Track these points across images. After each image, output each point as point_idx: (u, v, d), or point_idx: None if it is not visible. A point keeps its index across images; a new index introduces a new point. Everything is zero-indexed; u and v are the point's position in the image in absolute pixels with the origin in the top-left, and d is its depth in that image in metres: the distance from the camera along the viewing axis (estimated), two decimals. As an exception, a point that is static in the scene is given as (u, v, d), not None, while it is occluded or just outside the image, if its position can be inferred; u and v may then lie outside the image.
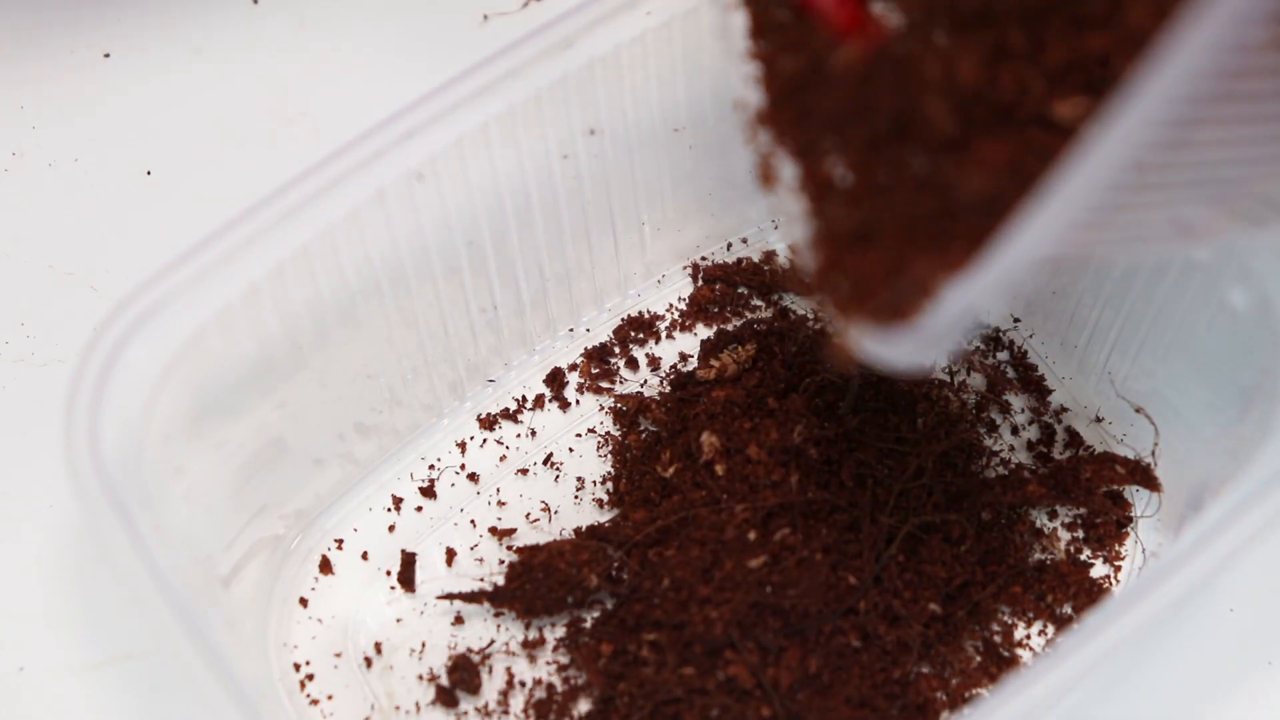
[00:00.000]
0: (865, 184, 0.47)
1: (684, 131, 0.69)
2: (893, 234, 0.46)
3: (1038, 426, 0.71)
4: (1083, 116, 0.43)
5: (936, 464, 0.66)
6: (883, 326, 0.46)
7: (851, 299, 0.47)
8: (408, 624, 0.67)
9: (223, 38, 0.81)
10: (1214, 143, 0.42)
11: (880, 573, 0.63)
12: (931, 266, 0.45)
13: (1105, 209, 0.42)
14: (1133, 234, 0.46)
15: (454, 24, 0.82)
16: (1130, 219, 0.44)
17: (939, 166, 0.45)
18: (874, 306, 0.46)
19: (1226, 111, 0.41)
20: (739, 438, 0.65)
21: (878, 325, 0.46)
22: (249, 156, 0.78)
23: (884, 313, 0.46)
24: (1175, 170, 0.42)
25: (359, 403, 0.68)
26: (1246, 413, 0.61)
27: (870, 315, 0.46)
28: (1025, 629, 0.66)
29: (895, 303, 0.45)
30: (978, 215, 0.44)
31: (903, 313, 0.45)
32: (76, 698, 0.65)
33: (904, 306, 0.45)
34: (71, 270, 0.75)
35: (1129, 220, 0.44)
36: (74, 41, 0.81)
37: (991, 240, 0.44)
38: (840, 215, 0.47)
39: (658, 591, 0.62)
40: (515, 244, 0.68)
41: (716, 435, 0.66)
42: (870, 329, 0.46)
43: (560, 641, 0.65)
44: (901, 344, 0.46)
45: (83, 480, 0.54)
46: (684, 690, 0.61)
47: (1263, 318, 0.59)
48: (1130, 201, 0.43)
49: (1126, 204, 0.43)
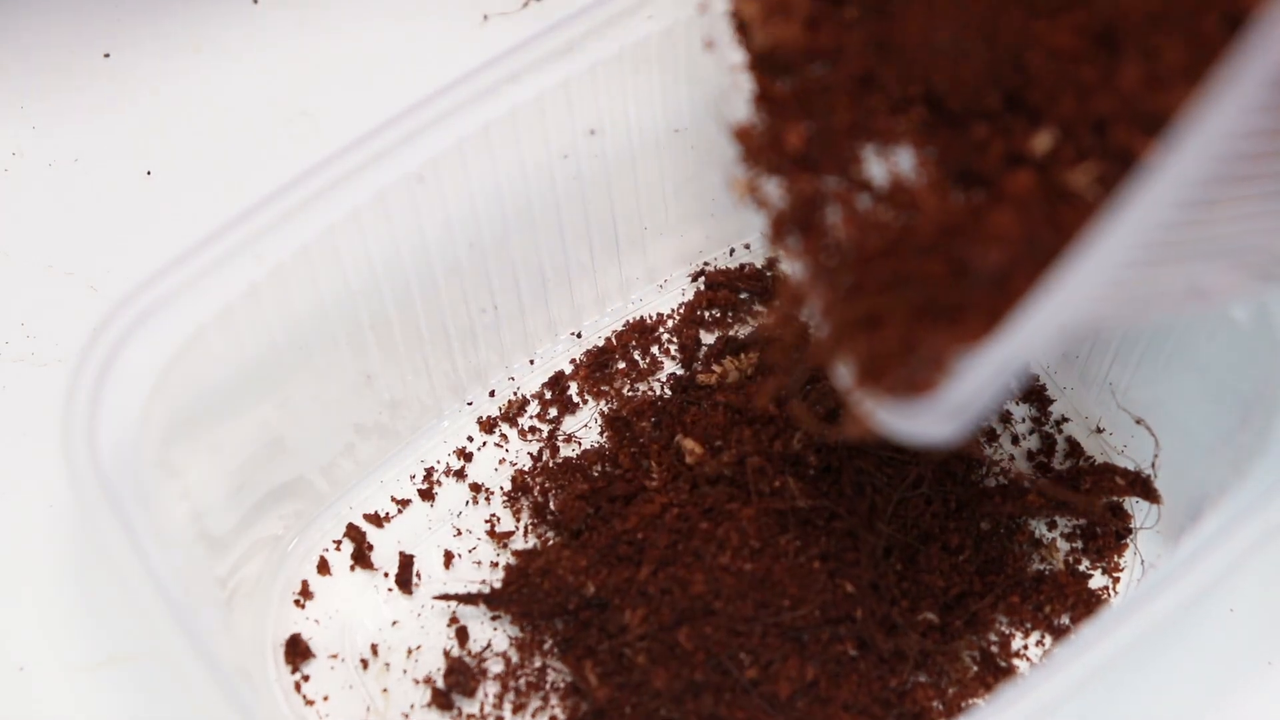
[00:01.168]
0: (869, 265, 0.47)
1: (686, 134, 0.69)
2: (903, 311, 0.45)
3: (1038, 436, 0.70)
4: (1093, 183, 0.43)
5: (936, 473, 0.66)
6: (901, 401, 0.45)
7: (866, 374, 0.46)
8: (405, 626, 0.67)
9: (223, 38, 0.81)
10: (1231, 216, 0.42)
11: (878, 581, 0.63)
12: (946, 341, 0.44)
13: (1124, 280, 0.42)
14: (1149, 301, 0.46)
15: (454, 24, 0.81)
16: (1148, 287, 0.44)
17: (949, 242, 0.45)
18: (890, 383, 0.45)
19: (1244, 190, 0.41)
20: (738, 444, 0.65)
21: (896, 400, 0.45)
22: (249, 156, 0.78)
23: (901, 388, 0.45)
24: (1193, 241, 0.42)
25: (358, 404, 0.68)
26: (1246, 424, 0.61)
27: (887, 390, 0.45)
28: (1023, 639, 0.66)
29: (912, 378, 0.45)
30: (992, 287, 0.44)
31: (921, 387, 0.45)
32: (76, 698, 0.65)
33: (921, 381, 0.44)
34: (71, 270, 0.75)
35: (1146, 288, 0.44)
36: (74, 41, 0.81)
37: (1009, 311, 0.43)
38: (846, 298, 0.47)
39: (655, 598, 0.62)
40: (516, 246, 0.68)
41: (699, 440, 0.66)
42: (888, 403, 0.45)
43: (556, 646, 0.65)
44: (922, 418, 0.45)
45: (81, 480, 0.54)
46: (680, 698, 0.61)
47: (1262, 329, 0.59)
48: (1148, 272, 0.42)
49: (1144, 274, 0.42)
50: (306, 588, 0.67)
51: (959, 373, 0.44)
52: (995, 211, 0.45)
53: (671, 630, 0.62)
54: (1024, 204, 0.44)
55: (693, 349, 0.73)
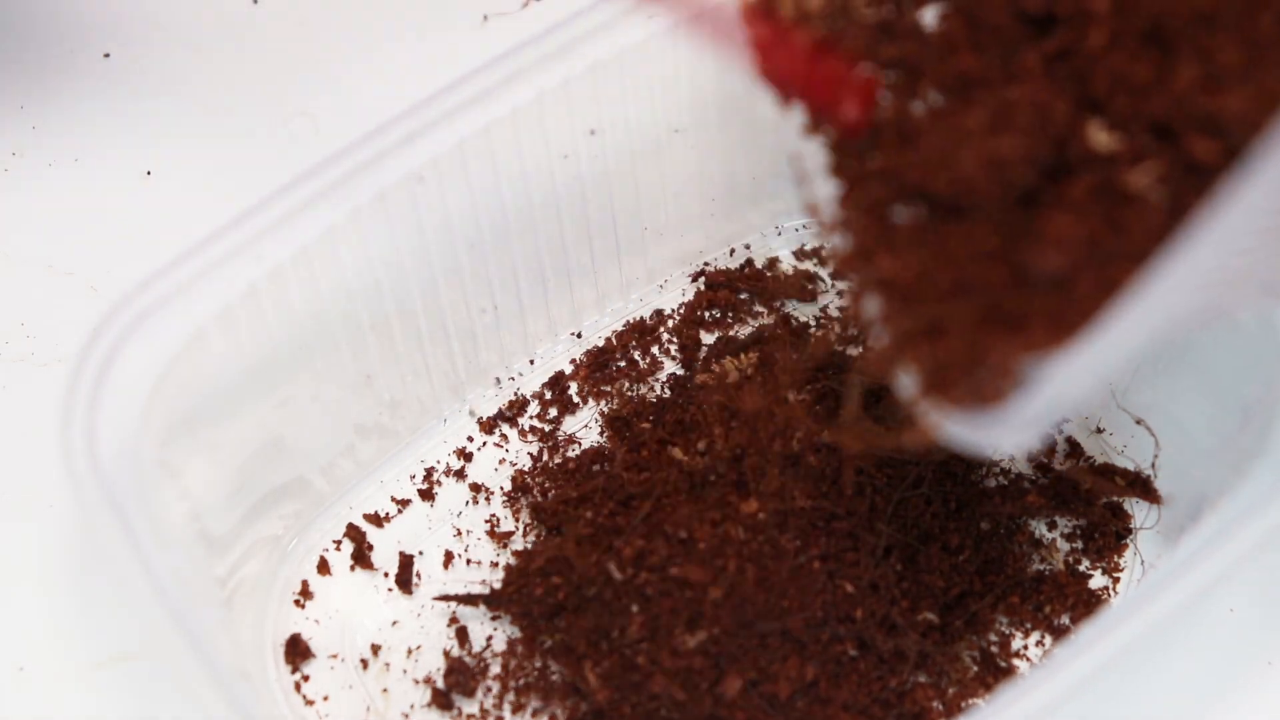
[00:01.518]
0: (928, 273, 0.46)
1: (686, 134, 0.69)
2: (967, 319, 0.45)
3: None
4: (1154, 184, 0.43)
5: (936, 473, 0.66)
6: (971, 412, 0.44)
7: (932, 385, 0.45)
8: (405, 626, 0.67)
9: (223, 38, 0.81)
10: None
11: (878, 581, 0.63)
12: (1014, 350, 0.43)
13: (1211, 283, 0.42)
14: (1224, 305, 0.46)
15: (454, 24, 0.82)
16: (1231, 289, 0.44)
17: (1008, 246, 0.44)
18: (958, 393, 0.44)
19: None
20: (738, 445, 0.65)
21: (964, 411, 0.44)
22: (249, 156, 0.78)
23: (969, 398, 0.44)
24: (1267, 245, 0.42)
25: (358, 404, 0.68)
26: (1246, 425, 0.61)
27: (954, 401, 0.44)
28: (1023, 639, 0.66)
29: (979, 388, 0.44)
30: (1056, 293, 0.43)
31: (990, 397, 0.44)
32: (76, 698, 0.65)
33: (990, 391, 0.44)
34: (71, 270, 0.75)
35: (1224, 294, 0.44)
36: (74, 41, 0.81)
37: (1076, 318, 0.43)
38: (907, 307, 0.46)
39: (654, 599, 0.62)
40: (516, 247, 0.68)
41: (698, 440, 0.66)
42: (957, 414, 0.45)
43: (556, 646, 0.64)
44: (994, 429, 0.44)
45: (81, 480, 0.54)
46: (680, 697, 0.61)
47: (1264, 331, 0.59)
48: (1234, 273, 0.42)
49: (1230, 275, 0.42)
50: (306, 588, 0.67)
51: (1031, 382, 0.43)
52: (1055, 214, 0.44)
53: (671, 631, 0.62)
54: (1083, 206, 0.44)
55: (693, 349, 0.73)
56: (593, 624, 0.63)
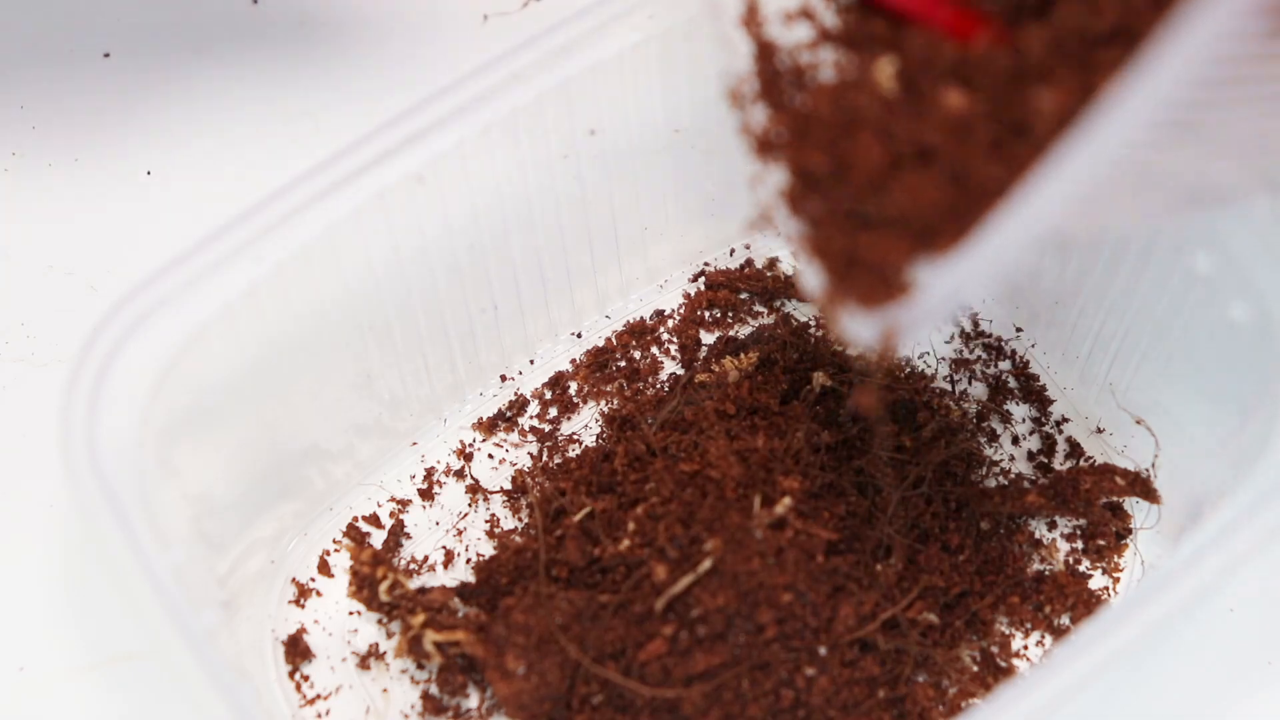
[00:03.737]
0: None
1: (686, 134, 0.69)
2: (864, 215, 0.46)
3: (1039, 437, 0.71)
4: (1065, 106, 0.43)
5: (936, 473, 0.66)
6: (869, 309, 0.45)
7: (836, 282, 0.46)
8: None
9: (223, 38, 0.81)
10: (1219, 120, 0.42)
11: (878, 581, 0.63)
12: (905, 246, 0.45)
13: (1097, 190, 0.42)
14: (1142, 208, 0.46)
15: (454, 24, 0.81)
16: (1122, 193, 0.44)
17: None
18: (857, 290, 0.46)
19: (1235, 93, 0.41)
20: (738, 444, 0.65)
21: (864, 308, 0.46)
22: (249, 156, 0.78)
23: (867, 295, 0.45)
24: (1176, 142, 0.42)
25: (358, 404, 0.68)
26: (1246, 425, 0.61)
27: (855, 299, 0.46)
28: (1023, 639, 0.66)
29: (875, 285, 0.45)
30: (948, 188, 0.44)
31: (886, 295, 0.45)
32: (76, 698, 0.65)
33: (886, 289, 0.45)
34: (71, 270, 0.75)
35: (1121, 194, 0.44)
36: (74, 41, 0.81)
37: (966, 213, 0.44)
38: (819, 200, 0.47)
39: (650, 597, 0.62)
40: (516, 247, 0.68)
41: (697, 440, 0.66)
42: (858, 311, 0.46)
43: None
44: (890, 324, 0.45)
45: (80, 480, 0.55)
46: (679, 701, 0.61)
47: (1263, 331, 0.59)
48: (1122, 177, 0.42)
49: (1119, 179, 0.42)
50: (306, 588, 0.67)
51: (924, 284, 0.44)
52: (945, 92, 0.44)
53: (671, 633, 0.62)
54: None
55: (693, 349, 0.73)
56: (582, 626, 0.63)
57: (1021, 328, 0.73)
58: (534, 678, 0.60)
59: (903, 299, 0.45)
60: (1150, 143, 0.41)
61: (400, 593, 0.65)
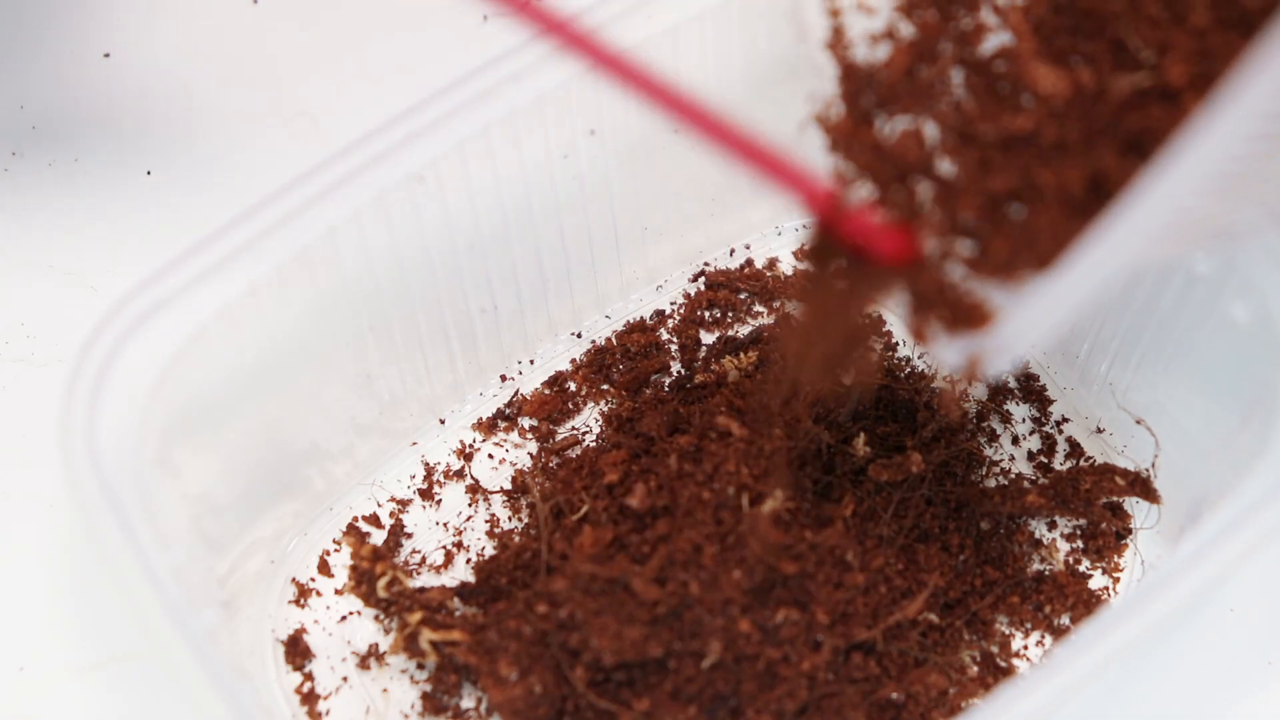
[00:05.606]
0: None
1: (686, 134, 0.69)
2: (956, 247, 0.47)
3: (1039, 437, 0.71)
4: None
5: (936, 473, 0.66)
6: (952, 336, 0.47)
7: (920, 308, 0.48)
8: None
9: (223, 38, 0.81)
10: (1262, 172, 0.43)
11: (878, 582, 0.63)
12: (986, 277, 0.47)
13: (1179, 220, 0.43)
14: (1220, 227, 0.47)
15: (454, 24, 0.81)
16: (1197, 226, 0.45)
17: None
18: (941, 317, 0.48)
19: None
20: (736, 444, 0.65)
21: (947, 335, 0.48)
22: (249, 156, 0.78)
23: (951, 323, 0.47)
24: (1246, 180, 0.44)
25: (358, 404, 0.68)
26: (1246, 425, 0.61)
27: (939, 324, 0.48)
28: (1023, 639, 0.66)
29: (958, 314, 0.47)
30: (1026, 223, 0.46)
31: (969, 323, 0.47)
32: (76, 698, 0.65)
33: (968, 317, 0.47)
34: (71, 270, 0.75)
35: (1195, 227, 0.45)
36: (74, 41, 0.81)
37: (1045, 246, 0.45)
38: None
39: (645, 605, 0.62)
40: (516, 247, 0.68)
41: (695, 441, 0.66)
42: (941, 338, 0.48)
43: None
44: (972, 352, 0.47)
45: (80, 480, 0.55)
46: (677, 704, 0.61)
47: (1263, 331, 0.59)
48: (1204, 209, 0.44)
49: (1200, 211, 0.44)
50: (306, 588, 0.67)
51: (1008, 311, 0.46)
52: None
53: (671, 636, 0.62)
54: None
55: (693, 349, 0.73)
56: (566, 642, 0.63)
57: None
58: (527, 684, 0.60)
59: (985, 327, 0.47)
60: (1229, 169, 0.42)
61: (399, 589, 0.65)
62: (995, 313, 0.47)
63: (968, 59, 0.49)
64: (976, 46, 0.49)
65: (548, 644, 0.61)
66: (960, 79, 0.49)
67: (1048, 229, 0.46)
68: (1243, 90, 0.40)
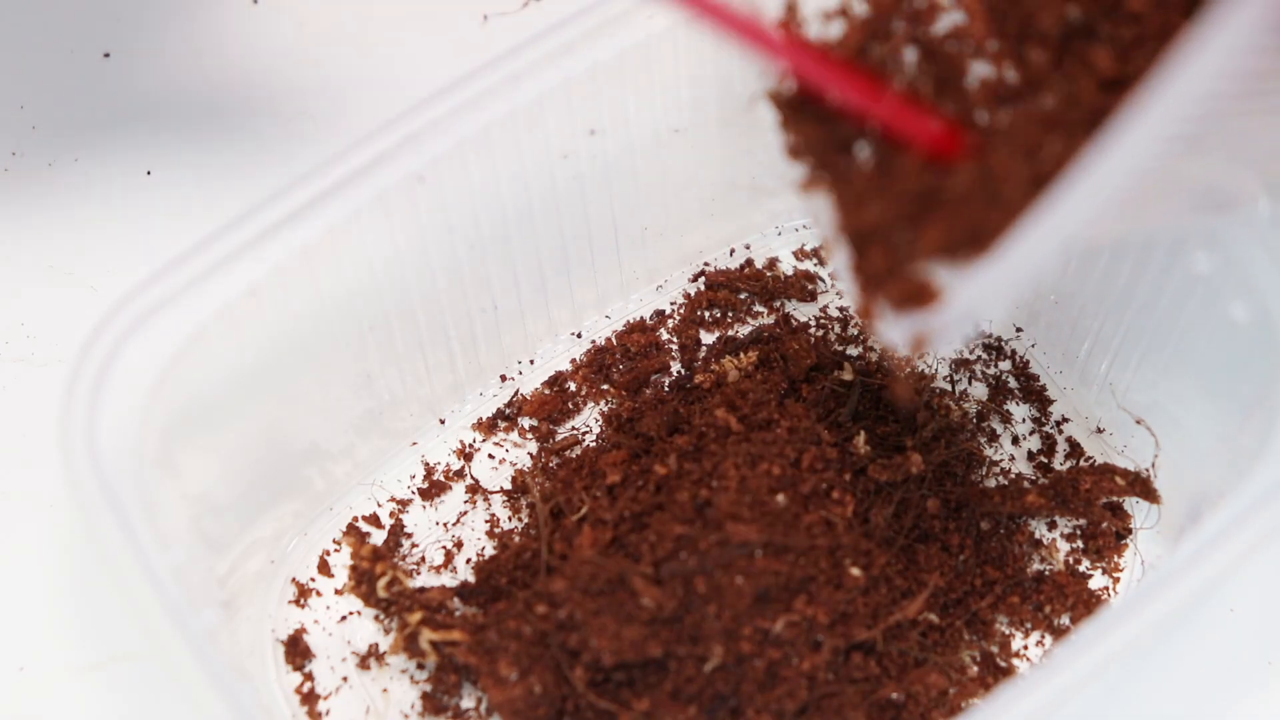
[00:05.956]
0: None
1: (686, 134, 0.69)
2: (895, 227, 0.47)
3: (1039, 437, 0.71)
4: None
5: (936, 473, 0.66)
6: (901, 314, 0.47)
7: (870, 287, 0.48)
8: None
9: (223, 38, 0.81)
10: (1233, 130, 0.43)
11: (878, 582, 0.63)
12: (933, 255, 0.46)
13: (1122, 194, 0.43)
14: (1148, 211, 0.47)
15: (454, 24, 0.81)
16: (1147, 199, 0.45)
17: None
18: (889, 296, 0.47)
19: (1252, 104, 0.42)
20: (735, 444, 0.65)
21: (896, 313, 0.47)
22: (249, 156, 0.78)
23: (899, 302, 0.47)
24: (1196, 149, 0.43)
25: (358, 404, 0.68)
26: (1246, 425, 0.61)
27: (888, 303, 0.47)
28: (1023, 639, 0.66)
29: (906, 292, 0.47)
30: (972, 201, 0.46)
31: (916, 301, 0.47)
32: (76, 698, 0.65)
33: (915, 295, 0.47)
34: (71, 270, 0.75)
35: (1145, 200, 0.45)
36: (74, 41, 0.81)
37: (992, 223, 0.45)
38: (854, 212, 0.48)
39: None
40: (516, 247, 0.68)
41: (695, 442, 0.66)
42: (890, 317, 0.47)
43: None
44: (921, 330, 0.47)
45: (80, 480, 0.55)
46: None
47: (1263, 331, 0.59)
48: (1147, 183, 0.44)
49: (1144, 185, 0.44)
50: (306, 588, 0.67)
51: (954, 291, 0.46)
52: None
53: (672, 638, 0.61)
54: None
55: (693, 349, 0.73)
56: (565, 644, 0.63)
57: (1021, 327, 0.73)
58: (527, 684, 0.60)
59: (932, 305, 0.46)
60: (1169, 152, 0.42)
61: (399, 589, 0.66)
62: (941, 291, 0.46)
63: (920, 38, 0.49)
64: (930, 26, 0.49)
65: (548, 644, 0.61)
66: (913, 57, 0.49)
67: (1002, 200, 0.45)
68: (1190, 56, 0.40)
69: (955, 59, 0.48)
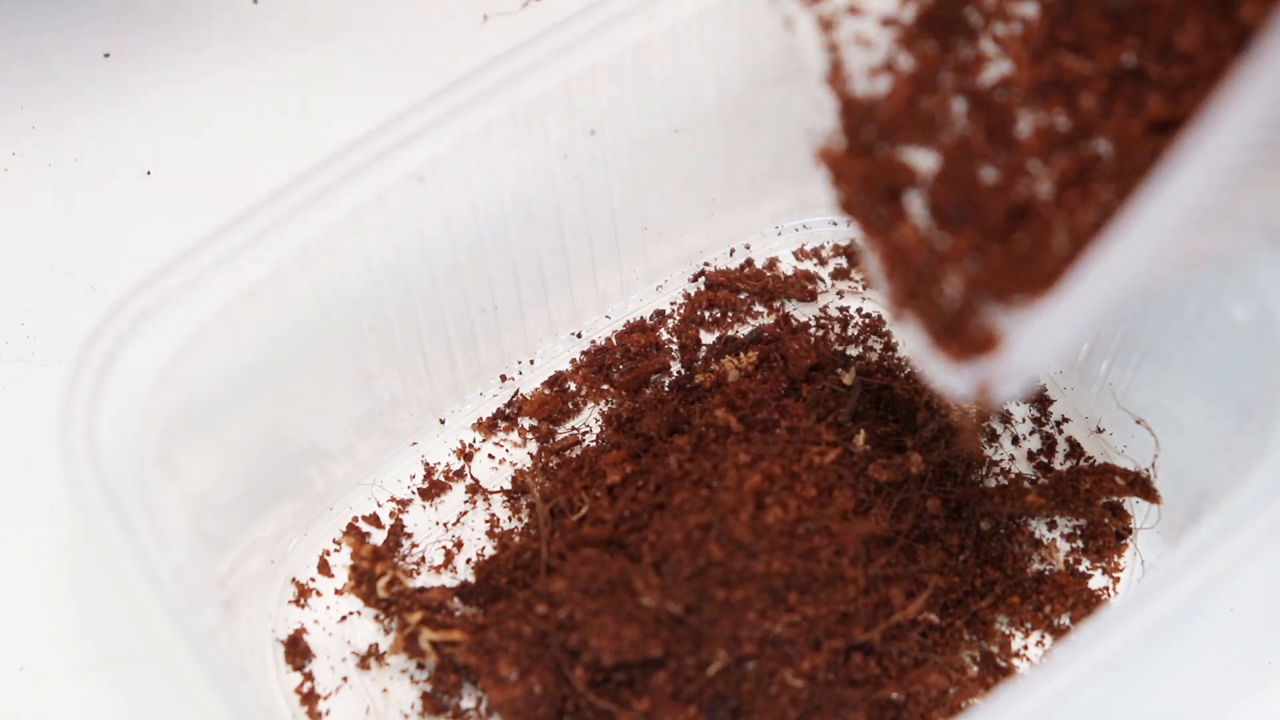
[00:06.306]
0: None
1: (686, 134, 0.69)
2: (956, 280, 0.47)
3: (1039, 437, 0.71)
4: None
5: (936, 473, 0.66)
6: (964, 364, 0.47)
7: (933, 340, 0.48)
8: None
9: (223, 38, 0.81)
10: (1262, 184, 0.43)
11: (878, 582, 0.63)
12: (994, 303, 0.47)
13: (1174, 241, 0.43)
14: (1212, 248, 0.47)
15: (454, 24, 0.82)
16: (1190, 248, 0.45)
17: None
18: (952, 347, 0.48)
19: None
20: (735, 444, 0.65)
21: (959, 363, 0.47)
22: (249, 156, 0.78)
23: (961, 351, 0.47)
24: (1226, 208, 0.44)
25: (358, 404, 0.68)
26: (1246, 425, 0.61)
27: (950, 355, 0.48)
28: (1023, 639, 0.66)
29: (968, 342, 0.47)
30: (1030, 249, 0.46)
31: (979, 349, 0.47)
32: (76, 698, 0.65)
33: (978, 344, 0.47)
34: (71, 270, 0.75)
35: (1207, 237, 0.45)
36: (74, 41, 0.81)
37: (1048, 270, 0.45)
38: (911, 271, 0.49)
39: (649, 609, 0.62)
40: (516, 247, 0.68)
41: (694, 442, 0.66)
42: (953, 366, 0.48)
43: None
44: (983, 378, 0.47)
45: (80, 480, 0.55)
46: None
47: (1263, 331, 0.59)
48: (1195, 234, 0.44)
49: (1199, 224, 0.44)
50: (306, 588, 0.67)
51: (1015, 337, 0.46)
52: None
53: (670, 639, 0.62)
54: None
55: (693, 349, 0.73)
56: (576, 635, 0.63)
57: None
58: (527, 684, 0.60)
59: (996, 353, 0.46)
60: (1227, 185, 0.42)
61: (399, 589, 0.66)
62: (1003, 338, 0.46)
63: (969, 89, 0.49)
64: (977, 76, 0.49)
65: (547, 644, 0.61)
66: (963, 109, 0.49)
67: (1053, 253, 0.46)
68: (1234, 103, 0.40)
69: (1005, 108, 0.48)
